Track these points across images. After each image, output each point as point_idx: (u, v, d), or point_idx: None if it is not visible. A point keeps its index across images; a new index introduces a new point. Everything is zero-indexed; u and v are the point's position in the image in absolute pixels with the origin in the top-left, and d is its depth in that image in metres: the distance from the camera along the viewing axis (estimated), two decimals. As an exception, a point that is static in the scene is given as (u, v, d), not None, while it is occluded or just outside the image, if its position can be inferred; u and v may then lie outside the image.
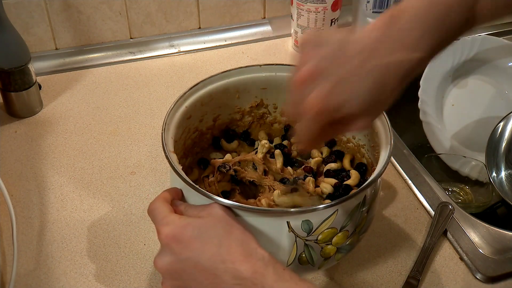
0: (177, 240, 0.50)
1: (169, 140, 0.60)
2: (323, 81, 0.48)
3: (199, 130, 0.69)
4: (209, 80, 0.66)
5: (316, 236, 0.54)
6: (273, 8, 1.12)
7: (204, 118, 0.69)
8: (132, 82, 0.98)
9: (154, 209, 0.53)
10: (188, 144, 0.68)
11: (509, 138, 0.87)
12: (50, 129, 0.88)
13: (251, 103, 0.71)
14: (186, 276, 0.49)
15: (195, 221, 0.51)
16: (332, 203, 0.53)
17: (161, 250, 0.51)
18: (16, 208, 0.74)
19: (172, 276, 0.51)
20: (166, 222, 0.51)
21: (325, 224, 0.54)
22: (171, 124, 0.62)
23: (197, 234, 0.49)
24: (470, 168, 0.92)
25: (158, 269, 0.51)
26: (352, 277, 0.67)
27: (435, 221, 0.72)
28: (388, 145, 0.58)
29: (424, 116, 0.91)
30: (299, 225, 0.53)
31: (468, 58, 0.94)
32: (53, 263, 0.68)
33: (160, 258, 0.51)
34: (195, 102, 0.65)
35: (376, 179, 0.56)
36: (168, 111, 0.62)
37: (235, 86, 0.68)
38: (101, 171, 0.81)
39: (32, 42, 0.99)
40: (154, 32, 1.07)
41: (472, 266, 0.68)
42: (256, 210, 0.54)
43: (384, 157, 0.58)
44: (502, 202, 0.89)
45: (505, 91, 0.96)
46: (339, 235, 0.56)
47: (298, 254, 0.55)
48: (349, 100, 0.48)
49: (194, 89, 0.65)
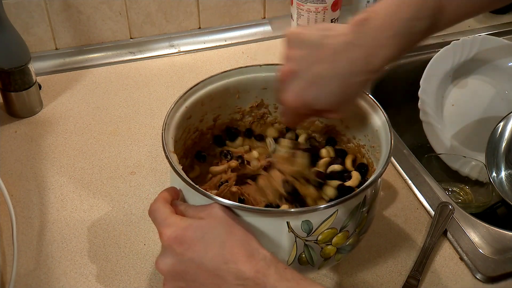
0: (179, 241, 0.50)
1: (169, 140, 0.60)
2: (298, 79, 0.55)
3: (199, 130, 0.69)
4: (209, 80, 0.66)
5: (316, 237, 0.54)
6: (273, 8, 1.12)
7: (204, 118, 0.69)
8: (132, 82, 0.98)
9: (154, 210, 0.53)
10: (188, 144, 0.68)
11: (509, 138, 0.87)
12: (50, 129, 0.88)
13: (251, 103, 0.71)
14: (189, 277, 0.50)
15: (197, 222, 0.51)
16: (332, 203, 0.53)
17: (163, 251, 0.51)
18: (16, 208, 0.74)
19: (174, 277, 0.51)
20: (168, 224, 0.51)
21: (325, 225, 0.54)
22: (171, 124, 0.62)
23: (199, 236, 0.50)
24: (470, 168, 0.92)
25: (160, 271, 0.51)
26: (352, 277, 0.67)
27: (435, 221, 0.72)
28: (388, 146, 0.58)
29: (424, 116, 0.91)
30: (299, 225, 0.53)
31: (468, 58, 0.94)
32: (53, 263, 0.68)
33: (162, 259, 0.51)
34: (195, 102, 0.65)
35: (376, 180, 0.56)
36: (168, 111, 0.62)
37: (235, 86, 0.68)
38: (101, 171, 0.81)
39: (32, 42, 0.99)
40: (154, 32, 1.07)
41: (472, 266, 0.68)
42: (255, 210, 0.54)
43: (384, 158, 0.58)
44: (502, 202, 0.89)
45: (505, 91, 0.96)
46: (339, 236, 0.56)
47: (298, 255, 0.55)
48: (319, 98, 0.55)
49: (194, 89, 0.65)
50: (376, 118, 0.63)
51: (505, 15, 1.17)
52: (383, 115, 0.61)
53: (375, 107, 0.63)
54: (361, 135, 0.67)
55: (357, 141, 0.68)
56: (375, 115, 0.63)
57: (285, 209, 0.60)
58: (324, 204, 0.53)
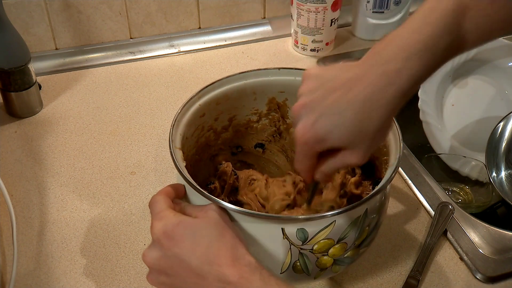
0: (168, 236, 0.50)
1: (177, 136, 0.60)
2: (310, 113, 0.49)
3: (213, 128, 0.69)
4: (226, 80, 0.66)
5: (312, 246, 0.53)
6: (273, 8, 1.12)
7: (219, 117, 0.69)
8: (132, 82, 0.98)
9: (153, 202, 0.54)
10: (201, 142, 0.68)
11: (509, 138, 0.87)
12: (50, 129, 0.88)
13: (268, 106, 0.71)
14: (172, 273, 0.50)
15: (189, 220, 0.51)
16: (328, 214, 0.53)
17: (151, 244, 0.52)
18: (16, 208, 0.74)
19: (158, 271, 0.51)
20: (160, 217, 0.52)
21: (321, 234, 0.53)
22: (182, 121, 0.62)
23: (188, 233, 0.50)
24: (470, 168, 0.92)
25: (146, 263, 0.52)
26: (351, 277, 0.67)
27: (435, 221, 0.72)
28: (395, 161, 0.57)
29: (424, 116, 0.91)
30: (294, 233, 0.53)
31: (468, 58, 0.94)
32: (53, 263, 0.68)
33: (149, 251, 0.51)
34: (209, 100, 0.65)
35: (377, 194, 0.54)
36: (180, 108, 0.62)
37: (252, 88, 0.68)
38: (101, 171, 0.81)
39: (32, 42, 0.99)
40: (154, 32, 1.07)
41: (472, 266, 0.68)
42: (251, 214, 0.54)
43: (389, 173, 0.56)
44: (502, 202, 0.89)
45: (505, 91, 0.96)
46: (336, 247, 0.55)
47: (293, 262, 0.54)
48: (331, 131, 0.48)
49: (209, 88, 0.65)
50: (389, 134, 0.61)
51: (505, 15, 1.16)
52: (397, 132, 0.60)
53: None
54: None
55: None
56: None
57: (280, 215, 0.60)
58: (320, 214, 0.53)
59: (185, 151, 0.62)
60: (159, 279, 0.52)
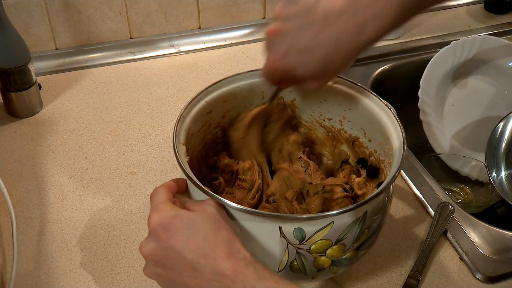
0: (164, 228, 0.50)
1: (181, 132, 0.60)
2: (282, 42, 0.53)
3: (221, 126, 0.69)
4: (234, 78, 0.66)
5: (309, 246, 0.53)
6: (273, 8, 1.10)
7: (227, 115, 0.68)
8: (132, 82, 0.98)
9: (154, 194, 0.55)
10: (208, 139, 0.68)
11: (509, 138, 0.87)
12: (50, 129, 0.88)
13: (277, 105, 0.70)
14: (168, 265, 0.50)
15: (186, 213, 0.52)
16: (325, 214, 0.53)
17: (148, 235, 0.52)
18: (16, 208, 0.74)
19: (154, 262, 0.51)
20: (158, 209, 0.52)
21: (319, 235, 0.53)
22: (187, 117, 0.62)
23: (184, 226, 0.50)
24: (470, 168, 0.92)
25: (142, 254, 0.52)
26: (351, 277, 0.67)
27: (435, 221, 0.72)
28: (398, 164, 0.56)
29: (424, 116, 0.91)
30: (292, 232, 0.53)
31: (468, 58, 0.94)
32: (53, 263, 0.68)
33: (146, 243, 0.52)
34: (217, 98, 0.65)
35: (377, 196, 0.54)
36: (186, 104, 0.62)
37: (260, 86, 0.67)
38: (101, 171, 0.81)
39: (32, 42, 0.99)
40: (154, 32, 1.07)
41: (472, 266, 0.68)
42: (248, 211, 0.53)
43: (390, 176, 0.55)
44: (502, 202, 0.89)
45: (505, 91, 0.96)
46: (334, 248, 0.54)
47: (290, 261, 0.54)
48: (299, 66, 0.54)
49: (217, 85, 0.65)
50: (394, 137, 0.61)
51: (505, 15, 1.17)
52: (401, 134, 0.59)
53: (395, 123, 0.61)
54: (381, 150, 0.65)
55: (377, 155, 0.67)
56: (394, 132, 0.61)
57: (277, 214, 0.60)
58: (317, 214, 0.52)
59: (190, 147, 0.62)
60: (155, 271, 0.52)
